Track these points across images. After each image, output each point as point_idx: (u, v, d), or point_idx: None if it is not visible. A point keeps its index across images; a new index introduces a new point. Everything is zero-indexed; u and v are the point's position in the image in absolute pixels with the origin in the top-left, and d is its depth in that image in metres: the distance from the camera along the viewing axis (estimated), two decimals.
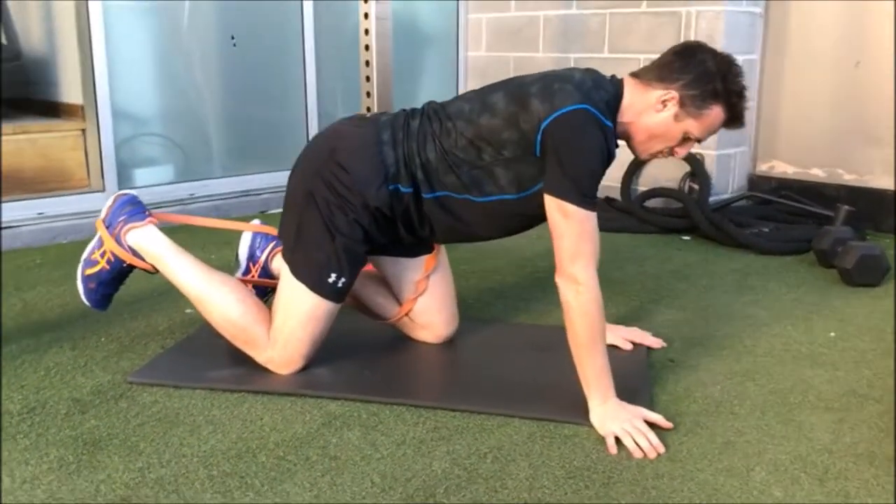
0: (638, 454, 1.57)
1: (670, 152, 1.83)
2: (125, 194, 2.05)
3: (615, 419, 1.64)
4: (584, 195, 1.68)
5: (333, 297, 1.86)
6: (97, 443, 1.59)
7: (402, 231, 1.90)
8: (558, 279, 1.70)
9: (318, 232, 1.82)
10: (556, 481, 1.48)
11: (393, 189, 1.82)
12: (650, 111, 1.78)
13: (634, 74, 1.83)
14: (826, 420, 1.73)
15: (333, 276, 1.83)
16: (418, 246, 2.01)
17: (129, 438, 1.61)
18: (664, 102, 1.76)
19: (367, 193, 1.81)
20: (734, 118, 1.79)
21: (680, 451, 1.59)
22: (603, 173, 1.74)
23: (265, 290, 2.17)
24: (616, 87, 1.80)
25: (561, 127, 1.69)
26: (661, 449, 1.58)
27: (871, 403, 1.81)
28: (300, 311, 1.85)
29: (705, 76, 1.74)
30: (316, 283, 1.84)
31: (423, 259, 2.04)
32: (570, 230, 1.68)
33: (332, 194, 1.81)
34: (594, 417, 1.67)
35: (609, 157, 1.75)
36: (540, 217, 1.78)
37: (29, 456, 1.53)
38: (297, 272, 1.84)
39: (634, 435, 1.60)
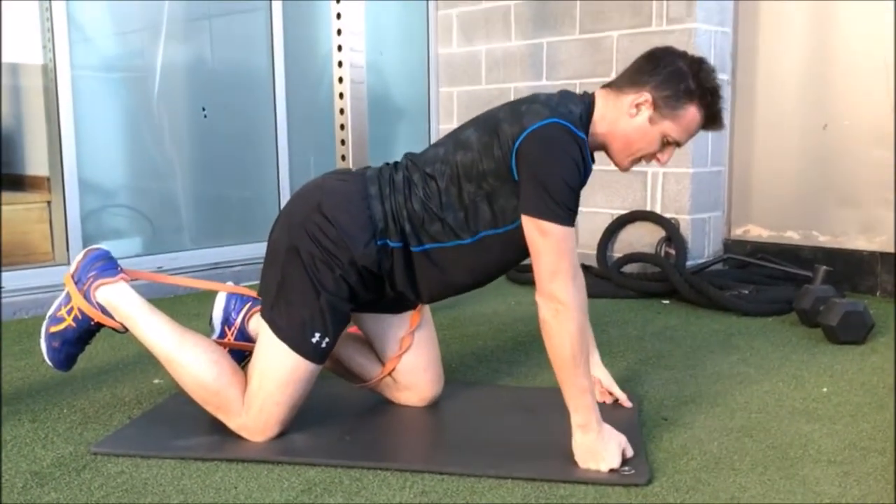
0: None
1: (652, 158, 1.80)
2: (97, 249, 1.94)
3: (595, 458, 1.64)
4: (560, 211, 1.63)
5: (316, 357, 1.77)
6: None
7: (388, 288, 1.83)
8: (538, 298, 1.65)
9: (303, 288, 1.74)
10: None
11: (381, 244, 1.76)
12: (624, 117, 1.75)
13: (607, 85, 1.81)
14: (830, 474, 1.65)
15: (317, 335, 1.75)
16: (402, 302, 1.94)
17: None
18: (637, 106, 1.73)
19: (355, 249, 1.74)
20: (711, 117, 1.75)
21: None
22: (580, 186, 1.70)
23: (242, 355, 2.06)
24: (586, 100, 1.77)
25: (533, 143, 1.65)
26: None
27: (874, 456, 1.74)
28: (279, 372, 1.75)
29: (676, 75, 1.71)
30: (298, 343, 1.74)
31: (408, 315, 1.97)
32: (548, 248, 1.63)
33: (318, 249, 1.74)
34: (576, 447, 1.66)
35: (586, 170, 1.71)
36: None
37: None
38: (278, 330, 1.75)
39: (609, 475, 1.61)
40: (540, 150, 1.65)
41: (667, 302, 3.30)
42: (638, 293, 3.38)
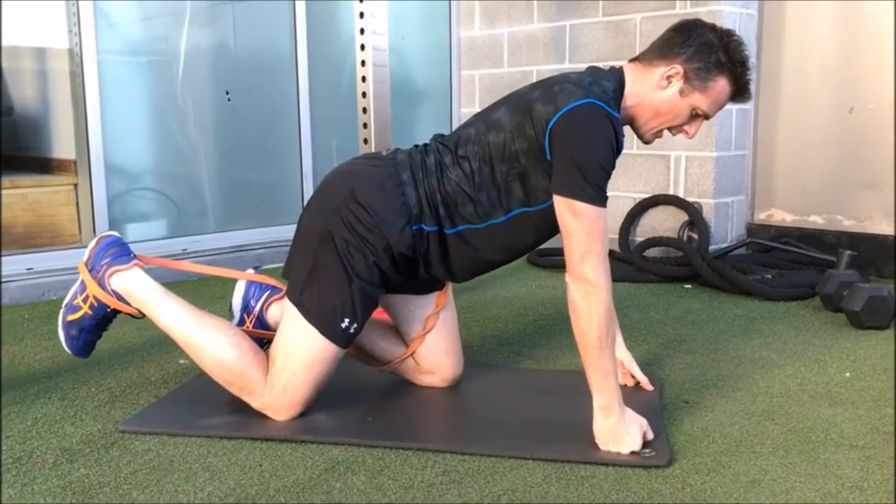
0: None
1: (680, 131, 1.80)
2: (109, 235, 1.95)
3: (616, 441, 1.64)
4: (593, 192, 1.64)
5: (343, 342, 1.79)
6: (87, 491, 1.49)
7: (422, 271, 1.85)
8: (567, 278, 1.66)
9: (335, 274, 1.76)
10: None
11: (416, 229, 1.78)
12: (654, 90, 1.75)
13: (635, 59, 1.81)
14: (852, 458, 1.65)
15: (347, 321, 1.76)
16: (430, 283, 1.96)
17: (121, 486, 1.51)
18: (668, 78, 1.74)
19: (390, 235, 1.75)
20: (740, 90, 1.77)
21: (704, 492, 1.50)
22: (612, 167, 1.70)
23: (261, 342, 2.08)
24: (617, 75, 1.78)
25: (567, 123, 1.66)
26: None
27: None
28: (305, 353, 1.77)
29: (707, 47, 1.72)
30: (327, 327, 1.76)
31: (434, 296, 1.99)
32: (580, 229, 1.63)
33: (352, 235, 1.75)
34: (597, 430, 1.67)
35: (618, 150, 1.72)
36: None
37: None
38: (308, 314, 1.76)
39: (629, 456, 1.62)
40: (574, 131, 1.66)
41: (689, 286, 3.28)
42: (660, 277, 3.37)
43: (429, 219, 1.78)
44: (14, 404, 1.94)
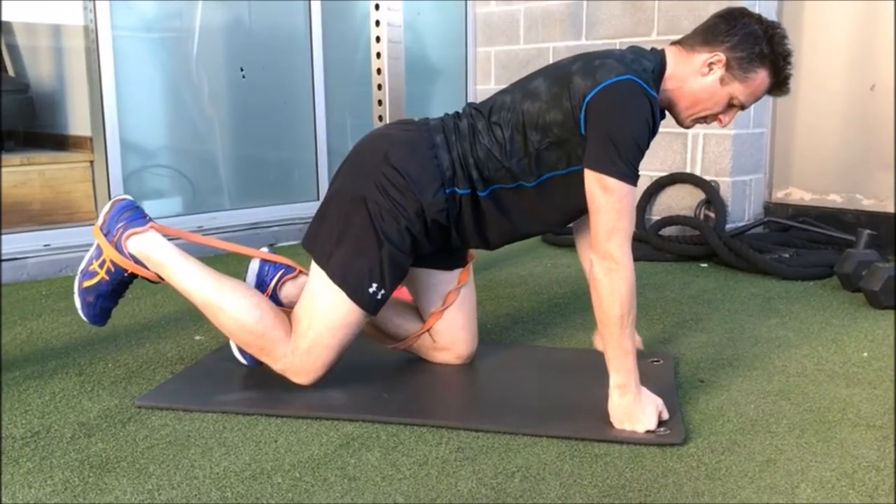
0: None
1: (714, 119, 1.80)
2: (122, 199, 1.93)
3: (631, 420, 1.64)
4: (626, 168, 1.63)
5: (370, 307, 1.79)
6: (104, 465, 1.51)
7: (455, 237, 1.85)
8: (592, 255, 1.65)
9: (366, 238, 1.76)
10: (589, 500, 1.39)
11: (450, 192, 1.79)
12: (695, 76, 1.74)
13: (676, 42, 1.80)
14: (869, 438, 1.64)
15: (374, 286, 1.77)
16: (456, 257, 1.97)
17: (138, 461, 1.53)
18: (710, 65, 1.73)
19: (423, 198, 1.76)
20: (779, 83, 1.76)
21: (719, 470, 1.50)
22: (647, 146, 1.69)
23: None
24: (658, 57, 1.77)
25: (605, 98, 1.65)
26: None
27: None
28: (332, 316, 1.77)
29: (752, 38, 1.71)
30: (355, 291, 1.76)
31: (457, 272, 1.99)
32: (609, 205, 1.63)
33: (385, 199, 1.75)
34: (612, 408, 1.66)
35: (654, 130, 1.71)
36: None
37: (32, 479, 1.45)
38: (335, 277, 1.76)
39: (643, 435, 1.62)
40: (612, 106, 1.65)
41: (705, 265, 3.26)
42: (676, 256, 3.35)
43: (462, 182, 1.78)
44: (32, 379, 1.96)
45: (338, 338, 1.78)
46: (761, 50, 1.71)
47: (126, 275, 1.90)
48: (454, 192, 1.79)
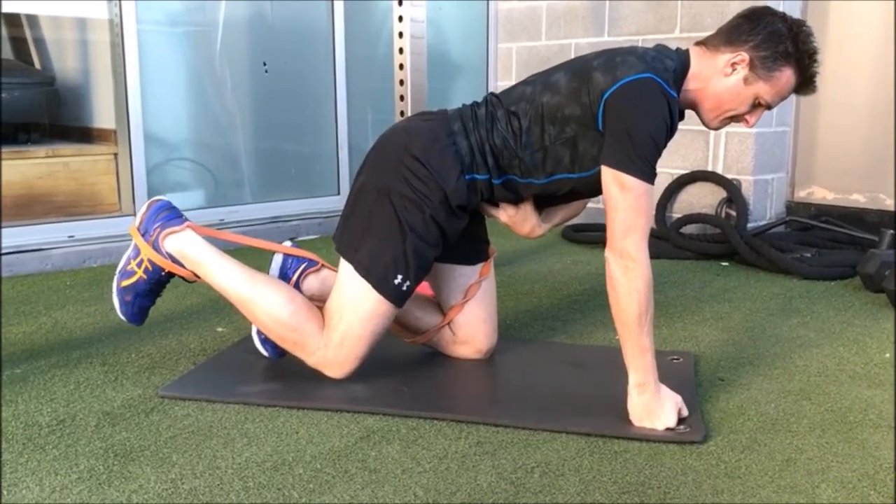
0: None
1: (740, 120, 1.79)
2: (159, 200, 1.97)
3: (650, 418, 1.64)
4: (643, 166, 1.63)
5: (396, 299, 1.81)
6: (128, 454, 1.53)
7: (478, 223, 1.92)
8: (608, 253, 1.65)
9: (390, 229, 1.78)
10: (608, 496, 1.40)
11: (470, 179, 1.81)
12: (719, 76, 1.74)
13: (700, 42, 1.79)
14: (891, 439, 1.63)
15: (400, 277, 1.78)
16: (478, 251, 2.00)
17: (161, 450, 1.55)
18: (734, 65, 1.72)
19: (446, 186, 1.78)
20: (805, 82, 1.75)
21: (738, 468, 1.50)
22: (664, 145, 1.68)
23: None
24: (681, 56, 1.76)
25: (623, 96, 1.65)
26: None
27: None
28: (361, 308, 1.79)
29: (776, 36, 1.69)
30: (380, 282, 1.78)
31: (479, 266, 2.01)
32: (626, 203, 1.63)
33: (409, 189, 1.78)
34: (632, 407, 1.66)
35: (673, 129, 1.71)
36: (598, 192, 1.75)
37: (58, 466, 1.48)
38: (361, 269, 1.78)
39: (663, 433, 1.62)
40: (630, 104, 1.65)
41: (726, 264, 3.25)
42: (697, 254, 3.34)
43: (480, 167, 1.81)
44: (58, 368, 1.99)
45: (368, 329, 1.80)
46: (786, 48, 1.69)
47: (163, 274, 1.92)
48: (474, 178, 1.82)
